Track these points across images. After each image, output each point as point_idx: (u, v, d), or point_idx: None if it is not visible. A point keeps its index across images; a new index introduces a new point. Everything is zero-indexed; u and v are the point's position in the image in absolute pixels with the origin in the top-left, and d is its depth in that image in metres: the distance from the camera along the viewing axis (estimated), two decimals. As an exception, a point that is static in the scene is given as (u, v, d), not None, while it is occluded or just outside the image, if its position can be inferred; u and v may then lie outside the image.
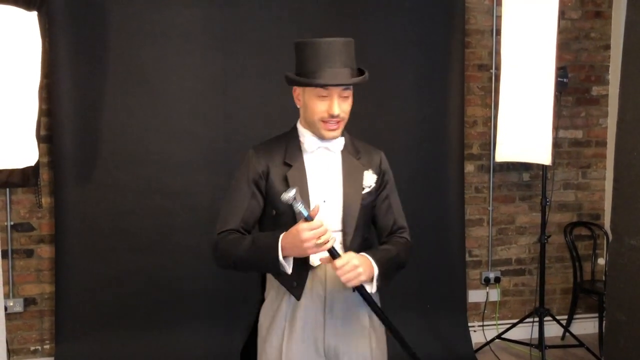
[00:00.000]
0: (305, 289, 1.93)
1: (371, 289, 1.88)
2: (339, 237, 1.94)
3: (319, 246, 1.74)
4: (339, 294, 1.95)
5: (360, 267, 1.80)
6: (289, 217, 1.89)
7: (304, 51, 1.89)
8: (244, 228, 1.94)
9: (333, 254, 1.80)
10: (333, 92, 1.86)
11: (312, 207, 1.81)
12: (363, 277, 1.81)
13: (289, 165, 1.94)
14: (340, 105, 1.88)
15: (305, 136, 1.97)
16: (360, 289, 1.87)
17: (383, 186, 2.06)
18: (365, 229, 2.01)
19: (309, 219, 1.74)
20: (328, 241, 1.75)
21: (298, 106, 1.99)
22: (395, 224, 2.09)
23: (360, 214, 1.96)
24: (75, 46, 3.54)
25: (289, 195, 1.73)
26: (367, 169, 2.00)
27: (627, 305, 2.95)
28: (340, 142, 1.99)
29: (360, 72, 1.93)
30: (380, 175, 2.04)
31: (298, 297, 1.92)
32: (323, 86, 1.85)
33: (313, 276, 1.94)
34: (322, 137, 1.93)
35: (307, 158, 1.97)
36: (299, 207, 1.75)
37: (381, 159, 2.07)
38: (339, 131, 1.92)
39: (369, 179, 2.00)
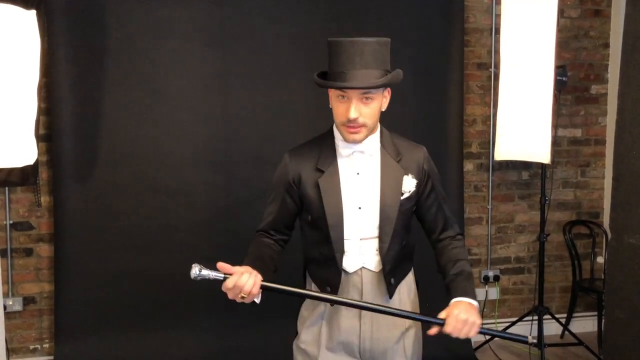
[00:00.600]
0: (341, 294, 1.92)
1: None
2: (375, 244, 1.91)
3: (245, 297, 1.68)
4: (375, 300, 1.92)
5: (464, 315, 1.73)
6: (323, 223, 1.88)
7: (331, 51, 1.82)
8: (275, 230, 1.99)
9: (270, 288, 1.73)
10: (352, 94, 1.77)
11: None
12: (474, 319, 1.74)
13: (322, 171, 1.89)
14: (360, 109, 1.78)
15: (341, 140, 1.89)
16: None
17: (430, 187, 1.98)
18: (403, 234, 1.94)
19: (226, 279, 1.68)
20: (251, 291, 1.67)
21: (331, 107, 1.90)
22: (447, 222, 2.03)
23: (398, 220, 1.90)
24: (74, 45, 3.53)
25: (192, 276, 1.68)
26: (407, 174, 1.92)
27: (626, 304, 2.95)
28: (376, 144, 1.91)
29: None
30: (423, 177, 1.96)
31: (331, 303, 1.91)
32: (333, 88, 1.80)
33: (349, 282, 1.92)
34: (347, 141, 1.86)
35: (341, 162, 1.90)
36: (210, 277, 1.69)
37: (424, 157, 1.98)
38: (361, 135, 1.83)
39: (409, 184, 1.92)
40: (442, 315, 1.79)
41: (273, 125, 3.71)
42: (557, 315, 4.12)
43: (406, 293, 2.02)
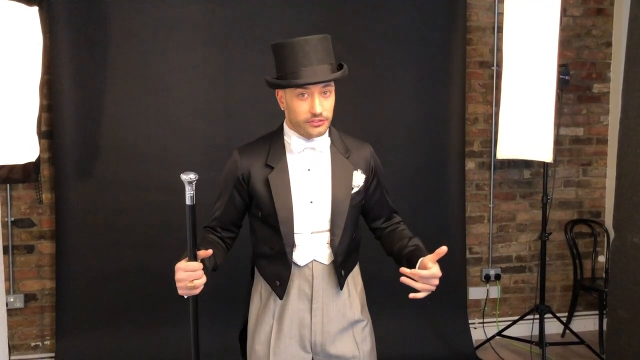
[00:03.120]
0: (292, 287, 1.94)
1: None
2: (326, 237, 1.94)
3: (188, 289, 1.74)
4: (325, 292, 1.96)
5: (432, 269, 1.79)
6: (274, 218, 1.90)
7: (280, 53, 1.85)
8: (221, 227, 2.02)
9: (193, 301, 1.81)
10: (313, 90, 1.82)
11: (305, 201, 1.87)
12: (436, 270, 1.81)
13: (271, 168, 1.92)
14: (322, 103, 1.84)
15: (292, 137, 1.94)
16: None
17: (377, 182, 2.06)
18: (353, 228, 2.00)
19: (191, 257, 1.73)
20: (196, 287, 1.75)
21: (282, 108, 1.96)
22: (392, 212, 2.13)
23: (349, 214, 1.94)
24: (76, 42, 3.53)
25: (187, 177, 1.76)
26: (357, 169, 1.98)
27: (629, 302, 2.95)
28: (326, 141, 1.96)
29: (340, 67, 1.91)
30: (371, 172, 2.03)
31: (281, 296, 1.94)
32: (300, 86, 1.82)
33: (300, 275, 1.95)
34: (309, 136, 1.89)
35: (291, 159, 1.94)
36: (188, 193, 1.76)
37: (370, 154, 2.04)
38: (324, 128, 1.88)
39: (358, 179, 1.98)
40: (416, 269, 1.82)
41: (275, 124, 3.68)
42: (558, 314, 4.12)
43: (353, 285, 2.05)
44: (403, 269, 1.82)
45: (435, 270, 1.78)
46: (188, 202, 1.74)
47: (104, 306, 3.65)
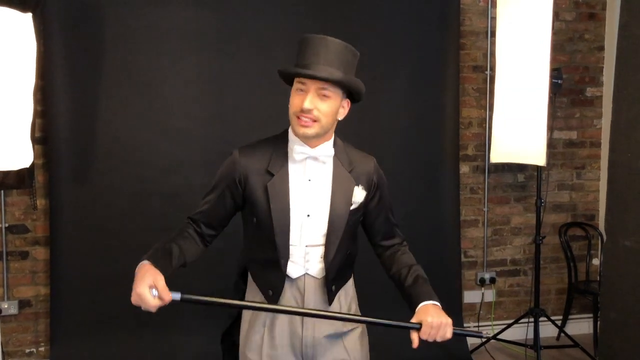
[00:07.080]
0: (284, 298, 1.91)
1: None
2: (320, 251, 1.90)
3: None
4: (317, 305, 1.93)
5: (437, 319, 1.80)
6: (269, 228, 1.85)
7: (299, 46, 1.84)
8: (205, 223, 1.96)
9: (192, 301, 1.94)
10: (310, 86, 1.77)
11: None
12: (446, 320, 1.81)
13: (271, 174, 1.85)
14: (315, 102, 1.78)
15: (295, 143, 1.87)
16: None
17: (378, 198, 1.98)
18: (348, 244, 1.94)
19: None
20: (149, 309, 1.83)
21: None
22: (393, 230, 2.05)
23: (346, 230, 1.90)
24: (71, 48, 3.53)
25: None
26: (358, 185, 1.91)
27: (621, 305, 2.97)
28: (330, 151, 1.89)
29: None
30: (372, 188, 1.95)
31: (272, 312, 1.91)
32: (292, 73, 1.80)
33: (292, 287, 1.92)
34: (297, 135, 1.84)
35: (292, 167, 1.87)
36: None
37: (374, 168, 1.97)
38: (312, 130, 1.80)
39: (359, 195, 1.91)
40: (414, 321, 1.83)
41: (269, 128, 3.65)
42: (553, 317, 4.13)
43: (344, 299, 2.01)
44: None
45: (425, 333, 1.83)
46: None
47: (99, 312, 3.64)
